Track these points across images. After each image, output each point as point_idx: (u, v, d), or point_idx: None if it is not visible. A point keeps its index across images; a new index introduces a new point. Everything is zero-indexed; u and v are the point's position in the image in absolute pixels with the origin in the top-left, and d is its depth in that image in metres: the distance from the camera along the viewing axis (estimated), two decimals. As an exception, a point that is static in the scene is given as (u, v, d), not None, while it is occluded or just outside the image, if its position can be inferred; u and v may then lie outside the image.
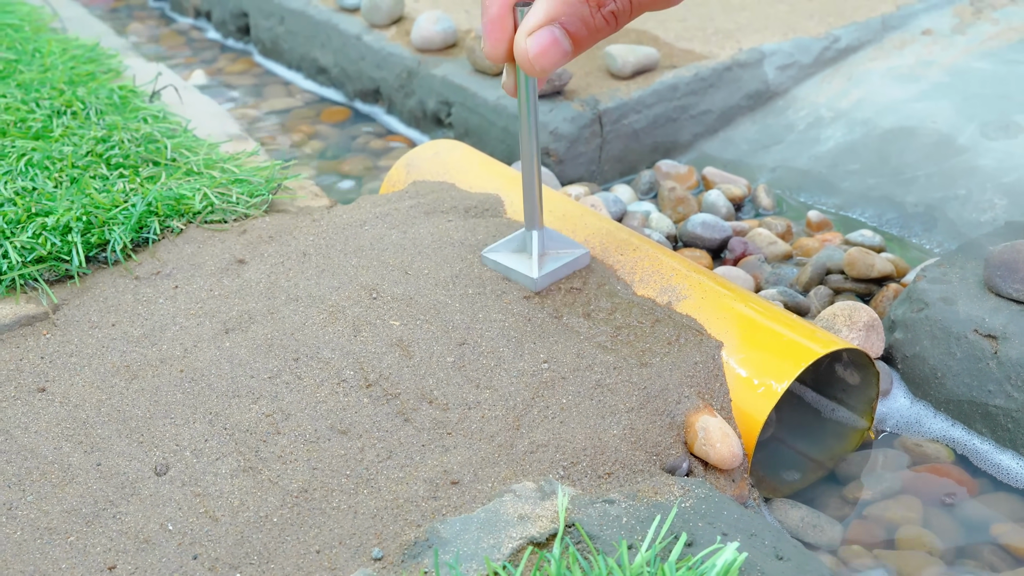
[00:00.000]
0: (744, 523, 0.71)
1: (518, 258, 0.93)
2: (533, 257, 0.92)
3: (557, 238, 0.95)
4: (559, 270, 0.92)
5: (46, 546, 0.72)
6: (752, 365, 0.83)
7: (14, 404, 0.85)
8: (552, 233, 0.95)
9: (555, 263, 0.92)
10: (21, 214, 1.02)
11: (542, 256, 0.92)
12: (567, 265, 0.93)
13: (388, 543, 0.70)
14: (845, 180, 1.35)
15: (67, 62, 1.48)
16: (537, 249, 0.92)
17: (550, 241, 0.94)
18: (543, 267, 0.92)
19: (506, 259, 0.93)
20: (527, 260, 0.92)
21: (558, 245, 0.94)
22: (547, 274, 0.92)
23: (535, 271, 0.91)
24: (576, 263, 0.94)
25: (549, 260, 0.93)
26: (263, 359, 0.87)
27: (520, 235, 0.94)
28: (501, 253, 0.94)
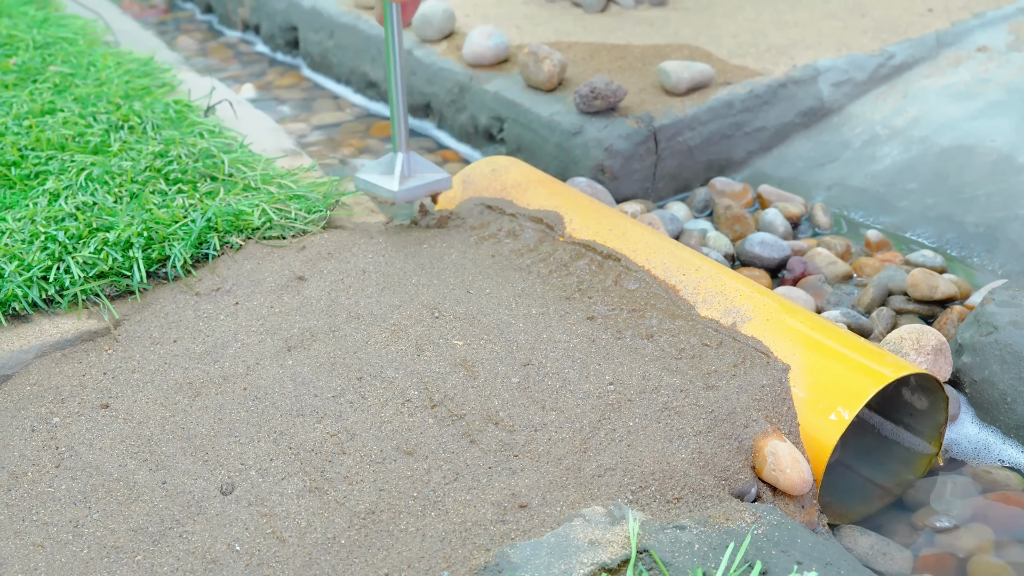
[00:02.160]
0: (819, 552, 0.70)
1: (385, 178, 1.04)
2: (396, 174, 1.04)
3: (422, 163, 1.07)
4: (419, 188, 1.05)
5: (113, 564, 0.72)
6: (820, 389, 0.82)
7: (78, 420, 0.85)
8: (418, 158, 1.07)
9: (416, 181, 1.05)
10: (83, 229, 1.03)
11: (406, 177, 1.05)
12: (427, 185, 1.06)
13: (457, 567, 0.70)
14: (903, 199, 1.33)
15: (122, 76, 1.49)
16: (400, 169, 1.04)
17: (416, 165, 1.06)
18: (406, 183, 1.04)
19: (374, 178, 1.06)
20: (390, 179, 1.05)
21: (422, 169, 1.07)
22: (407, 189, 1.04)
23: (395, 186, 1.04)
24: (436, 185, 1.07)
25: (411, 180, 1.05)
26: (326, 378, 0.87)
27: (388, 158, 1.07)
28: (371, 174, 1.07)
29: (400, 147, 1.05)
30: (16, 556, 0.73)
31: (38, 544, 0.74)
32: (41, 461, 0.82)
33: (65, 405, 0.87)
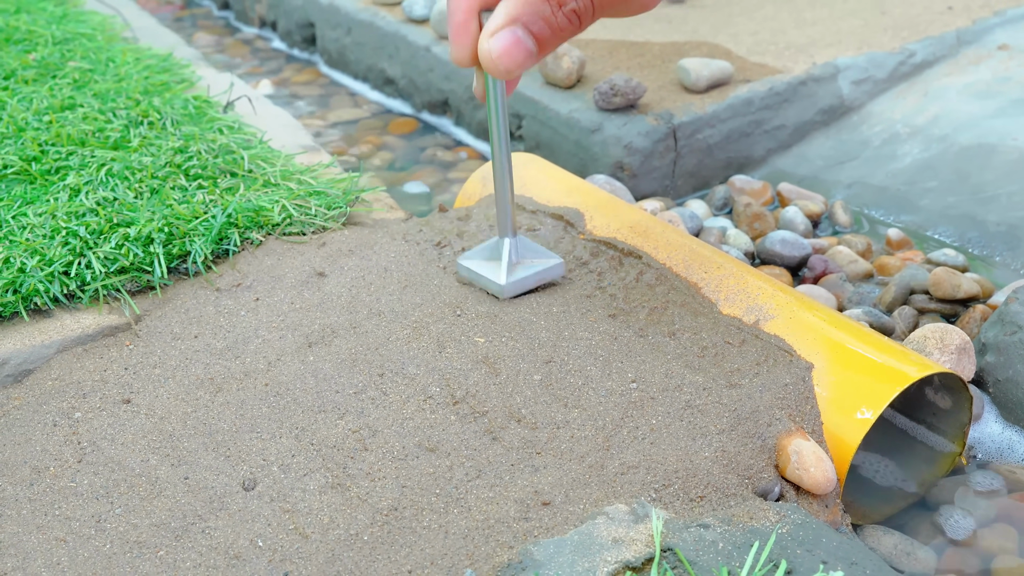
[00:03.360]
0: (844, 551, 0.70)
1: (489, 265, 0.93)
2: (503, 264, 0.92)
3: (531, 247, 0.94)
4: (529, 279, 0.93)
5: (135, 559, 0.72)
6: (844, 388, 0.82)
7: (100, 415, 0.86)
8: (526, 242, 0.94)
9: (526, 271, 0.92)
10: (103, 224, 1.03)
11: (514, 264, 0.92)
12: (538, 274, 0.93)
13: (480, 564, 0.69)
14: (923, 198, 1.33)
15: (141, 72, 1.49)
16: (508, 257, 0.92)
17: (524, 250, 0.93)
18: (512, 274, 0.92)
19: (478, 266, 0.94)
20: (497, 267, 0.92)
21: (531, 254, 0.94)
22: (515, 281, 0.92)
23: (503, 277, 0.92)
24: (548, 272, 0.94)
25: (520, 268, 0.92)
26: (348, 374, 0.87)
27: (493, 243, 0.94)
28: (474, 260, 0.95)
29: (507, 231, 0.92)
30: (39, 550, 0.73)
31: (60, 539, 0.74)
32: (63, 456, 0.82)
33: (87, 400, 0.87)
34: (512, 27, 0.71)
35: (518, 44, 0.71)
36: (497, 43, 0.71)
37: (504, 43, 0.71)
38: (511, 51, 0.71)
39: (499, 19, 0.71)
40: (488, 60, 0.72)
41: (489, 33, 0.71)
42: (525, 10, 0.71)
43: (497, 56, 0.71)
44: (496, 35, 0.71)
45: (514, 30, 0.71)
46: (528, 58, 0.72)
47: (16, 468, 0.81)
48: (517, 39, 0.71)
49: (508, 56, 0.71)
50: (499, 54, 0.71)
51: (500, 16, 0.71)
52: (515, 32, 0.71)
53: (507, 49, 0.71)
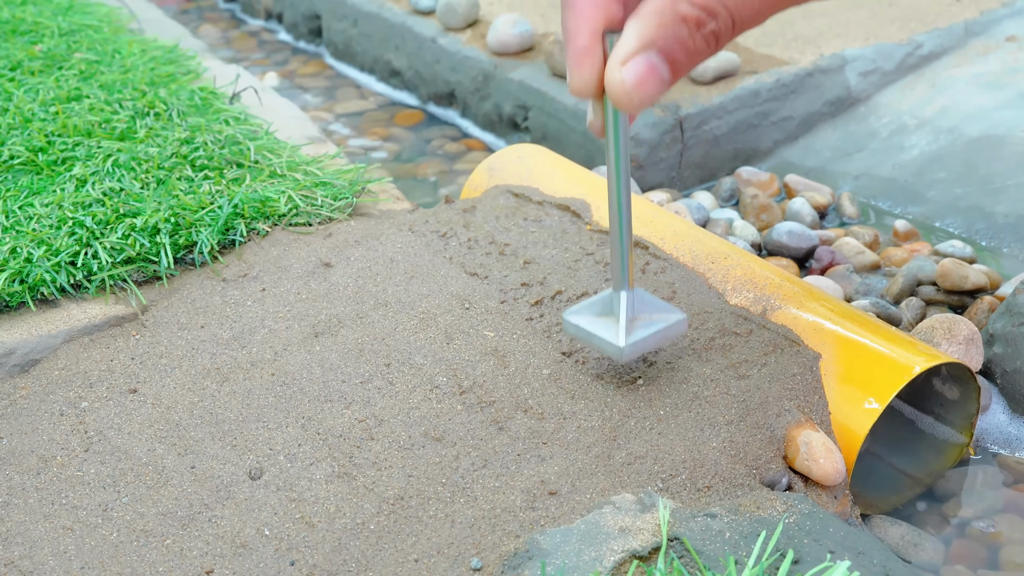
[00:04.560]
0: (851, 541, 0.70)
1: (603, 323, 0.79)
2: (620, 323, 0.78)
3: (649, 301, 0.80)
4: (650, 338, 0.78)
5: (142, 548, 0.72)
6: (852, 378, 0.81)
7: (106, 405, 0.86)
8: (644, 295, 0.80)
9: (646, 330, 0.78)
10: (110, 215, 1.03)
11: (631, 321, 0.78)
12: (660, 332, 0.79)
13: (487, 554, 0.69)
14: (931, 189, 1.32)
15: (147, 63, 1.49)
16: (626, 313, 0.78)
17: (641, 304, 0.79)
18: (632, 334, 0.78)
19: (589, 323, 0.80)
20: (613, 326, 0.79)
21: (650, 309, 0.80)
22: (636, 343, 0.78)
23: (621, 339, 0.77)
24: (671, 330, 0.80)
25: (639, 326, 0.78)
26: (354, 364, 0.87)
27: (606, 296, 0.81)
28: (584, 316, 0.80)
29: (623, 284, 0.77)
30: (46, 539, 0.73)
31: (68, 527, 0.74)
32: (70, 445, 0.82)
33: (93, 390, 0.87)
34: (647, 53, 0.62)
35: (653, 72, 0.62)
36: (631, 72, 0.62)
37: (638, 71, 0.62)
38: (646, 81, 0.62)
39: (631, 44, 0.62)
40: (621, 92, 0.63)
41: (620, 61, 0.62)
42: (661, 33, 0.62)
43: (631, 87, 0.62)
44: (629, 63, 0.62)
45: (649, 56, 0.62)
46: (662, 87, 0.63)
47: (23, 457, 0.81)
48: (652, 66, 0.62)
49: (643, 86, 0.62)
50: (633, 84, 0.62)
51: (632, 40, 0.62)
52: (650, 59, 0.62)
53: (642, 79, 0.62)
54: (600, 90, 0.66)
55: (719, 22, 0.62)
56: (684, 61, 0.63)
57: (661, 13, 0.61)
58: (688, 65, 0.64)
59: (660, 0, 0.61)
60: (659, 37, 0.62)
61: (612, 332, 0.78)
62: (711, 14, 0.62)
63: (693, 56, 0.63)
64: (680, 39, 0.62)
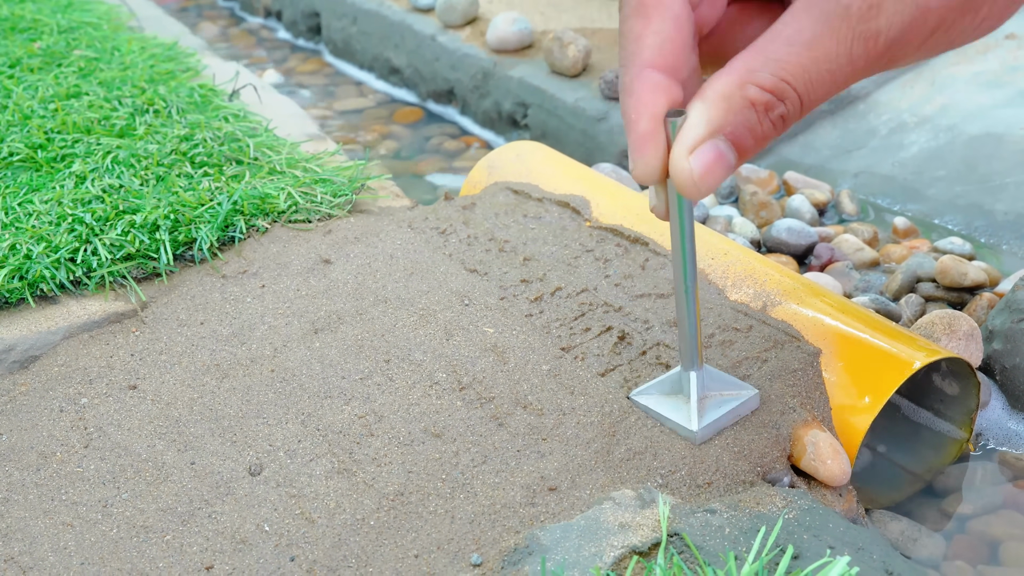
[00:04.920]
0: (851, 536, 0.70)
1: (673, 403, 0.78)
2: (692, 403, 0.77)
3: (719, 377, 0.79)
4: (723, 418, 0.76)
5: (143, 544, 0.72)
6: (852, 373, 0.81)
7: (106, 401, 0.86)
8: (712, 372, 0.79)
9: (718, 410, 0.77)
10: (109, 211, 1.03)
11: (702, 400, 0.77)
12: (733, 411, 0.77)
13: (487, 549, 0.69)
14: (931, 187, 1.32)
15: (146, 60, 1.49)
16: (696, 393, 0.77)
17: (711, 382, 0.78)
18: (705, 416, 0.76)
19: (658, 404, 0.78)
20: (684, 407, 0.77)
21: (720, 386, 0.78)
22: (710, 424, 0.76)
23: (695, 422, 0.76)
24: (743, 407, 0.78)
25: (711, 406, 0.77)
26: (354, 360, 0.87)
27: (675, 375, 0.79)
28: (652, 396, 0.79)
29: (693, 364, 0.76)
30: (46, 535, 0.73)
31: (67, 523, 0.74)
32: (70, 441, 0.82)
33: (93, 386, 0.87)
34: (714, 141, 0.59)
35: (721, 159, 0.59)
36: (699, 160, 0.59)
37: (706, 160, 0.59)
38: (713, 168, 0.59)
39: (699, 130, 0.59)
40: (688, 181, 0.59)
41: (688, 149, 0.59)
42: (730, 119, 0.59)
43: (700, 176, 0.59)
44: (697, 152, 0.59)
45: (717, 143, 0.59)
46: (728, 173, 0.60)
47: (23, 453, 0.81)
48: (720, 153, 0.59)
49: (711, 175, 0.59)
50: (701, 174, 0.59)
51: (700, 127, 0.59)
52: (718, 146, 0.59)
53: (711, 167, 0.59)
54: (664, 175, 0.62)
55: (788, 104, 0.59)
56: (751, 146, 0.60)
57: (729, 98, 0.59)
58: (755, 149, 0.61)
59: (727, 82, 0.59)
60: (727, 123, 0.59)
61: (684, 415, 0.77)
62: (780, 97, 0.59)
63: (760, 141, 0.61)
64: (749, 124, 0.59)
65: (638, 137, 0.61)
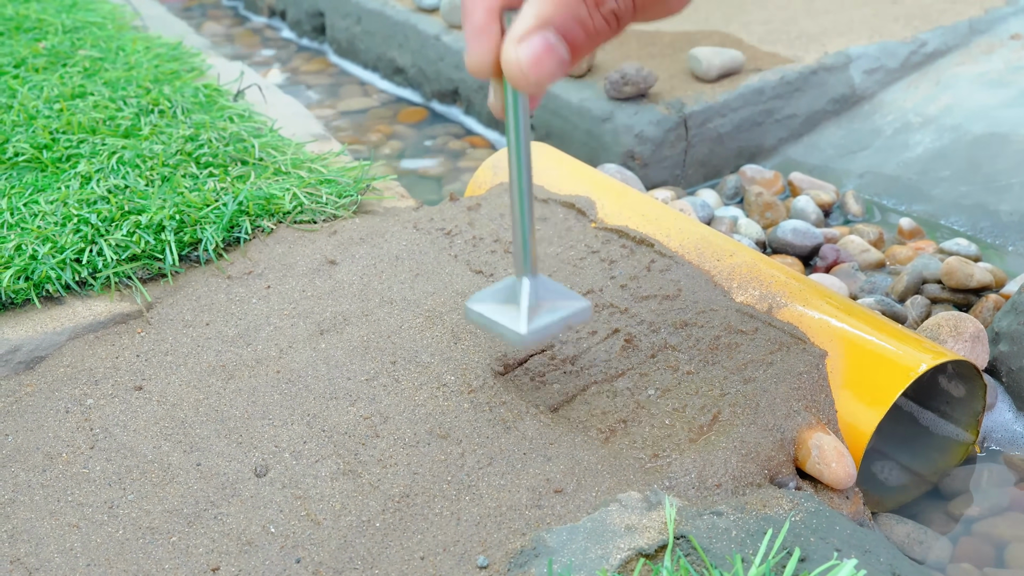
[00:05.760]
0: (857, 539, 0.69)
1: (505, 310, 0.76)
2: (522, 308, 0.75)
3: (553, 288, 0.78)
4: (553, 325, 0.76)
5: (148, 546, 0.72)
6: (858, 376, 0.81)
7: (112, 402, 0.86)
8: (547, 282, 0.77)
9: (549, 316, 0.76)
10: (115, 212, 1.03)
11: (533, 308, 0.75)
12: (562, 320, 0.76)
13: (493, 551, 0.69)
14: (936, 187, 1.32)
15: (151, 60, 1.49)
16: (528, 300, 0.75)
17: (545, 291, 0.77)
18: (534, 320, 0.75)
19: (491, 311, 0.77)
20: (514, 312, 0.76)
21: (553, 296, 0.77)
22: (538, 329, 0.75)
23: (523, 325, 0.75)
24: (575, 317, 0.77)
25: (542, 313, 0.76)
26: (360, 361, 0.87)
27: (509, 283, 0.77)
28: (486, 304, 0.78)
29: (527, 270, 0.75)
30: (52, 536, 0.73)
31: (74, 524, 0.74)
32: (75, 442, 0.82)
33: (99, 387, 0.87)
34: (543, 31, 0.59)
35: (550, 51, 0.60)
36: (527, 51, 0.59)
37: (535, 50, 0.59)
38: (542, 60, 0.60)
39: (528, 22, 0.60)
40: (516, 70, 0.60)
41: (516, 38, 0.60)
42: (558, 11, 0.60)
43: (527, 66, 0.59)
44: (525, 41, 0.59)
45: (546, 35, 0.59)
46: (560, 68, 0.60)
47: (29, 454, 0.81)
48: (549, 45, 0.60)
49: (539, 65, 0.60)
50: (529, 63, 0.59)
51: (529, 18, 0.60)
52: (547, 37, 0.60)
53: (538, 57, 0.59)
54: (497, 69, 0.63)
55: (619, 2, 0.61)
56: (583, 41, 0.61)
57: None
58: (588, 45, 0.62)
59: None
60: (557, 15, 0.60)
61: (514, 319, 0.75)
62: None
63: (593, 36, 0.61)
64: (579, 18, 0.60)
65: (472, 28, 0.63)
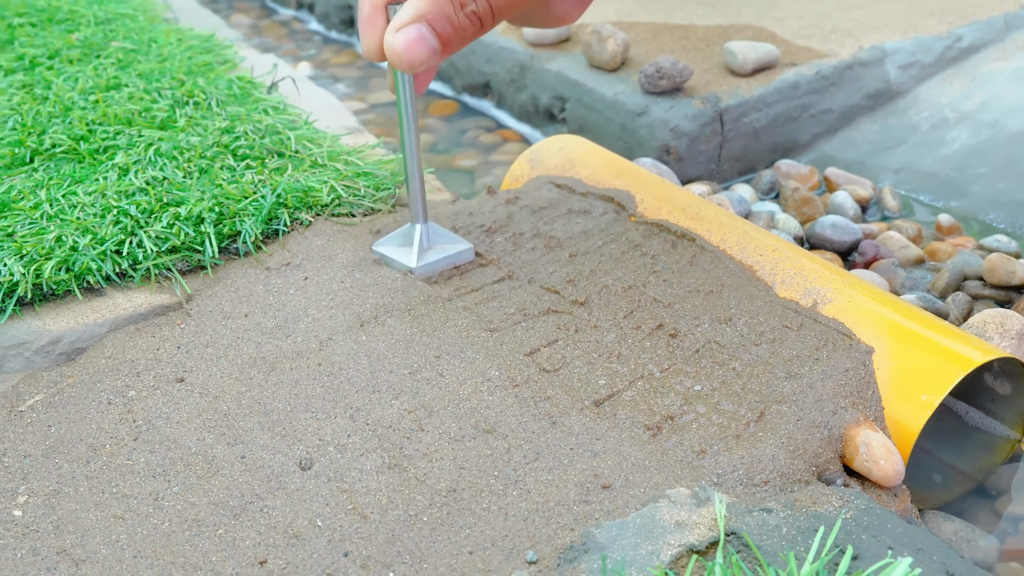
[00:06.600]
0: (909, 537, 0.69)
1: (402, 250, 0.98)
2: (414, 248, 0.97)
3: (442, 233, 0.99)
4: (439, 262, 0.97)
5: (195, 538, 0.72)
6: (905, 373, 0.81)
7: (154, 394, 0.85)
8: (437, 228, 0.99)
9: (436, 255, 0.98)
10: (154, 204, 1.03)
11: (425, 249, 0.97)
12: (448, 258, 0.98)
13: (542, 546, 0.69)
14: (973, 183, 1.31)
15: (184, 52, 1.49)
16: (419, 242, 0.97)
17: (435, 236, 0.99)
18: (423, 258, 0.97)
19: (391, 252, 0.99)
20: (408, 251, 0.98)
21: (441, 240, 0.99)
22: (426, 264, 0.97)
23: (414, 261, 0.97)
24: (457, 257, 0.98)
25: (432, 253, 0.98)
26: (402, 354, 0.86)
27: (406, 229, 0.99)
28: (388, 246, 1.00)
29: (418, 219, 0.98)
30: (97, 528, 0.73)
31: (119, 516, 0.74)
32: (119, 434, 0.82)
33: (140, 379, 0.87)
34: (417, 24, 0.74)
35: (421, 41, 0.74)
36: (401, 39, 0.74)
37: (408, 38, 0.74)
38: (414, 47, 0.74)
39: (405, 15, 0.74)
40: (392, 55, 0.74)
41: (394, 29, 0.74)
42: (430, 8, 0.74)
43: (401, 51, 0.74)
44: (401, 31, 0.74)
45: (419, 27, 0.74)
46: (431, 55, 0.74)
47: (72, 446, 0.81)
48: (421, 35, 0.74)
49: (410, 52, 0.74)
50: (402, 49, 0.74)
51: (407, 12, 0.74)
52: (419, 29, 0.74)
53: (410, 45, 0.74)
54: (382, 53, 0.79)
55: (478, 5, 0.74)
56: (451, 35, 0.75)
57: None
58: (457, 39, 0.75)
59: None
60: (429, 12, 0.74)
61: (407, 256, 0.97)
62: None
63: (459, 32, 0.75)
64: (447, 14, 0.74)
65: (362, 20, 0.80)
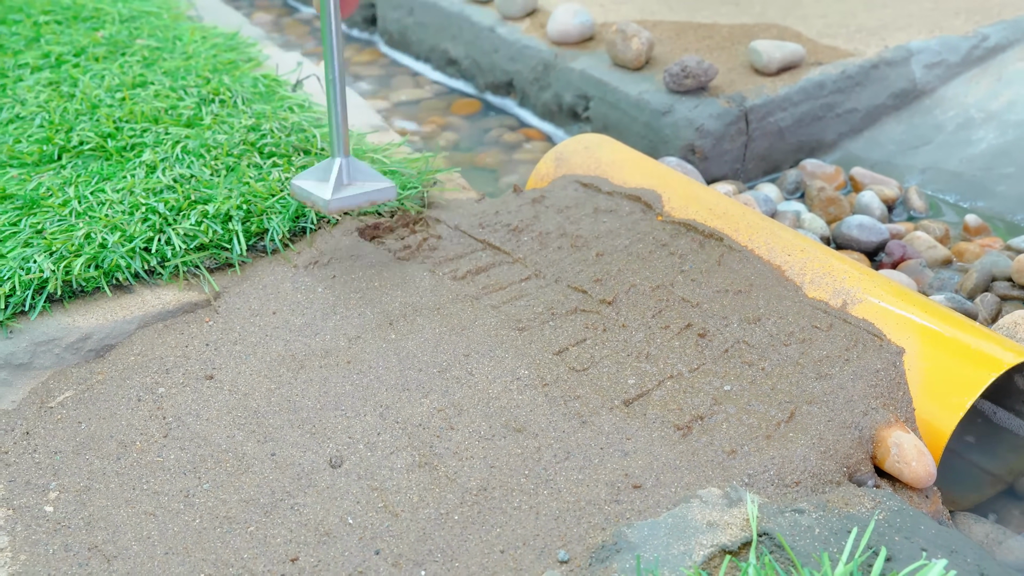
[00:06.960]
0: (943, 539, 0.69)
1: (320, 184, 0.94)
2: (331, 181, 0.93)
3: (364, 170, 0.95)
4: (356, 197, 0.93)
5: (226, 534, 0.72)
6: (937, 373, 0.80)
7: (183, 391, 0.86)
8: (359, 164, 0.95)
9: (353, 190, 0.93)
10: (182, 201, 1.03)
11: (344, 184, 0.93)
12: (366, 195, 0.94)
13: (573, 545, 0.69)
14: (1000, 184, 1.30)
15: (209, 50, 1.49)
16: (337, 176, 0.93)
17: (357, 172, 0.94)
18: (339, 191, 0.93)
19: (310, 185, 0.94)
20: (326, 185, 0.93)
21: (364, 177, 0.95)
22: (341, 199, 0.92)
23: (328, 193, 0.92)
24: (378, 195, 0.94)
25: (350, 188, 0.93)
26: (431, 353, 0.86)
27: (326, 163, 0.95)
28: (307, 180, 0.95)
29: (338, 151, 0.93)
30: (129, 524, 0.73)
31: (150, 513, 0.74)
32: (149, 431, 0.82)
33: (170, 375, 0.87)
34: None
35: None
36: None
37: None
38: None
39: None
40: None
41: None
42: None
43: None
44: None
45: None
46: None
47: (102, 442, 0.81)
48: None
49: None
50: None
51: None
52: None
53: None
54: None
55: None
56: None
57: None
58: None
59: None
60: None
61: (323, 189, 0.92)
62: None
63: None
64: None
65: None
